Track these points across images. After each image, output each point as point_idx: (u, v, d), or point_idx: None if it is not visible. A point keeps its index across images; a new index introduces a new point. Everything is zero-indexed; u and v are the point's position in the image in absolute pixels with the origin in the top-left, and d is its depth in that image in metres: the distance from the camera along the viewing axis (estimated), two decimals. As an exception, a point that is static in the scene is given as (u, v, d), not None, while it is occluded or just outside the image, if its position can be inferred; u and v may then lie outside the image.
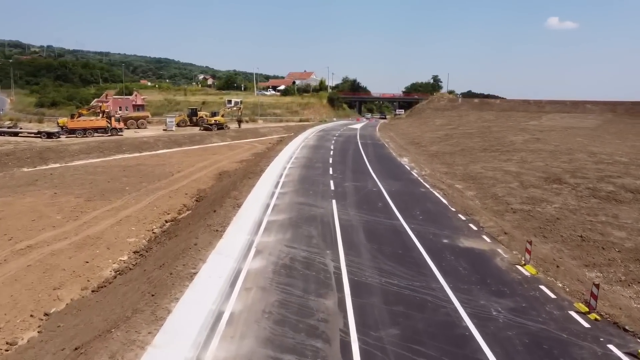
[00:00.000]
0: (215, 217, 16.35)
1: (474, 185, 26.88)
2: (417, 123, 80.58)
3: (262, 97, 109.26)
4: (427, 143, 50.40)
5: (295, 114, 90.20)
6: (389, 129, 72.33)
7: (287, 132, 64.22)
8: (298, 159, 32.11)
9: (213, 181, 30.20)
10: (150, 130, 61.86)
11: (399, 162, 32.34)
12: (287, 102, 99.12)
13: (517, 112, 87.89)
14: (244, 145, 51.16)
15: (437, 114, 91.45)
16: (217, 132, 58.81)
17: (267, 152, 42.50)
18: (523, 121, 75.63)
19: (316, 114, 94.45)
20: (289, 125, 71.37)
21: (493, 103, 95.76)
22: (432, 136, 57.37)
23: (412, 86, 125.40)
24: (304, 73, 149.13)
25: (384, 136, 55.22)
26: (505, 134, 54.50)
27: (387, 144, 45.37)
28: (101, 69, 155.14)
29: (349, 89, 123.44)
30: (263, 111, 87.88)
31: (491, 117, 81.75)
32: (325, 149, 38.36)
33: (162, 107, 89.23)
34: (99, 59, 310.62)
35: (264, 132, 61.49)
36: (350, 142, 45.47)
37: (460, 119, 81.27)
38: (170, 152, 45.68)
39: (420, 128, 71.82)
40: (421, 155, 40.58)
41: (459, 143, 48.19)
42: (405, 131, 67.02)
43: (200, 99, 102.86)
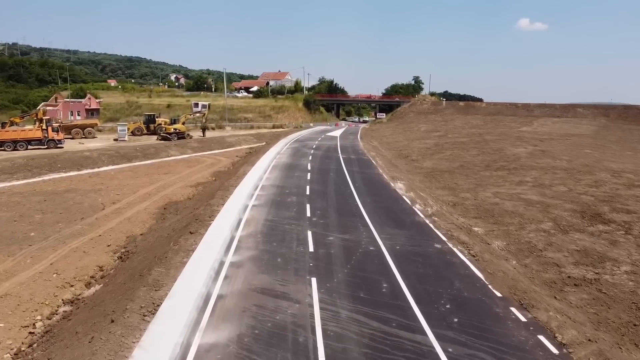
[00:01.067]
0: (116, 327, 9.40)
1: (496, 227, 20.45)
2: (401, 129, 74.55)
3: (232, 99, 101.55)
4: (418, 156, 44.11)
5: (268, 118, 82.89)
6: (371, 136, 65.97)
7: (258, 141, 57.07)
8: (266, 188, 25.10)
9: (153, 220, 22.88)
10: (99, 141, 53.83)
11: (394, 191, 25.70)
12: (259, 105, 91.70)
13: (505, 116, 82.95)
14: (207, 160, 43.79)
15: (420, 118, 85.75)
16: (177, 142, 51.23)
17: (231, 171, 35.40)
18: (514, 127, 70.49)
19: (291, 119, 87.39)
20: (261, 133, 64.16)
21: (479, 107, 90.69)
22: (420, 146, 51.19)
23: (393, 88, 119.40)
24: (279, 73, 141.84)
25: (367, 147, 48.68)
26: (504, 144, 48.72)
27: (374, 159, 38.79)
28: (60, 68, 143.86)
29: (326, 91, 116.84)
30: (233, 116, 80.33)
31: (479, 122, 76.41)
32: (300, 169, 31.41)
33: (122, 111, 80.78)
34: (66, 57, 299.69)
35: (232, 141, 54.19)
36: (330, 157, 38.68)
37: (447, 125, 75.66)
38: (115, 170, 37.98)
39: (405, 135, 65.76)
40: (416, 175, 34.12)
41: (455, 157, 42.05)
42: (390, 139, 60.78)
43: (166, 102, 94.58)
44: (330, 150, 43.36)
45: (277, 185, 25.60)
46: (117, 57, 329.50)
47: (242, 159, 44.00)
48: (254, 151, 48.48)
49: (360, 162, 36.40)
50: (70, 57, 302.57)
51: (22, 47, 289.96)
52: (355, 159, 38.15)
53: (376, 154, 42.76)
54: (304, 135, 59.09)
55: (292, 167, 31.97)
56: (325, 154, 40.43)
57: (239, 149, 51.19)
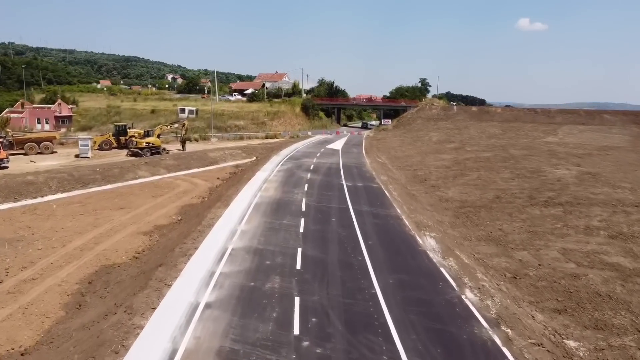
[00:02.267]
0: None
1: (602, 336, 12.57)
2: (410, 138, 66.63)
3: (224, 103, 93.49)
4: (438, 179, 36.19)
5: (261, 126, 74.81)
6: (377, 148, 58.02)
7: (247, 156, 49.12)
8: (236, 256, 16.93)
9: (61, 312, 14.94)
10: (58, 158, 45.86)
11: (425, 256, 17.73)
12: (253, 110, 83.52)
13: (524, 123, 75.00)
14: (180, 184, 35.85)
15: (429, 125, 77.83)
16: (150, 159, 43.28)
17: (206, 204, 27.52)
18: (538, 137, 62.61)
19: (287, 126, 79.32)
20: (251, 146, 56.06)
21: (493, 112, 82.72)
22: (437, 164, 43.27)
23: (398, 91, 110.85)
24: (276, 74, 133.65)
25: (376, 166, 40.70)
26: (537, 162, 40.80)
27: (386, 187, 30.78)
28: (45, 69, 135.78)
29: (326, 94, 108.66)
30: (222, 123, 72.27)
31: (496, 131, 68.52)
32: (291, 212, 23.29)
33: (99, 118, 72.75)
34: (62, 57, 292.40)
35: (216, 157, 46.21)
36: (331, 186, 30.65)
37: (461, 133, 67.76)
38: (60, 203, 30.02)
39: (416, 147, 57.84)
40: (444, 213, 26.18)
41: (484, 181, 34.15)
42: (400, 153, 52.85)
43: (151, 106, 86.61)
44: (332, 174, 35.37)
45: (253, 249, 17.56)
46: (115, 57, 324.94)
47: (223, 183, 36.11)
48: (239, 171, 40.59)
49: (370, 194, 28.44)
50: (66, 56, 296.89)
51: (19, 46, 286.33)
52: (362, 188, 30.18)
53: (387, 178, 34.79)
54: (300, 149, 51.07)
55: (280, 208, 23.96)
56: (325, 181, 32.43)
57: (223, 168, 43.19)
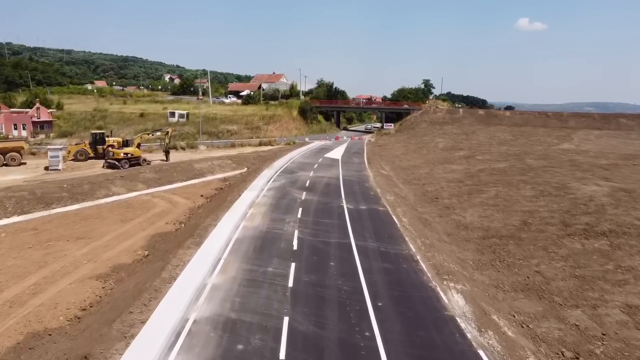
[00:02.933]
0: None
1: None
2: (414, 144, 62.18)
3: (218, 106, 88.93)
4: (451, 196, 31.74)
5: (256, 131, 70.17)
6: (380, 156, 53.62)
7: (237, 167, 44.60)
8: (199, 329, 12.65)
9: None
10: (26, 170, 41.38)
11: (451, 324, 13.26)
12: (247, 114, 78.92)
13: (535, 127, 70.58)
14: (157, 203, 31.35)
15: (435, 129, 73.36)
16: (128, 171, 38.75)
17: (180, 234, 23.07)
18: (553, 143, 58.11)
19: (284, 131, 74.73)
20: (243, 154, 51.48)
21: (502, 115, 78.33)
22: (448, 176, 38.83)
23: (400, 93, 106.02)
24: (273, 75, 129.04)
25: (380, 181, 36.16)
26: (561, 175, 36.27)
27: (394, 211, 26.23)
28: (33, 70, 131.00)
29: (325, 96, 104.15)
30: (214, 128, 67.69)
31: (507, 136, 64.06)
32: (279, 253, 18.59)
33: (83, 123, 68.14)
34: (60, 57, 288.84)
35: (202, 169, 41.69)
36: (330, 211, 26.05)
37: (469, 139, 63.28)
38: (15, 227, 25.41)
39: (422, 154, 53.37)
40: (465, 247, 21.72)
41: (506, 200, 29.67)
42: (405, 162, 48.38)
43: (140, 110, 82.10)
44: (330, 192, 30.80)
45: (223, 320, 12.95)
46: (113, 57, 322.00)
47: (206, 202, 31.62)
48: (227, 186, 36.12)
49: (375, 221, 23.93)
50: (63, 56, 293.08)
51: (16, 46, 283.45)
52: (366, 213, 25.67)
53: (394, 197, 30.27)
54: (296, 159, 46.51)
55: (266, 246, 19.40)
56: (322, 203, 27.88)
57: (209, 182, 38.67)
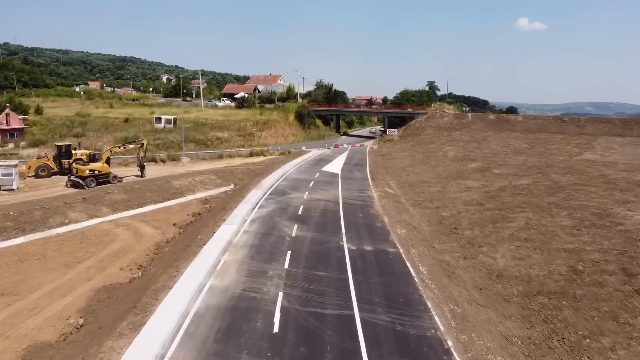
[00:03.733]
0: None
1: None
2: (421, 153, 56.68)
3: (209, 110, 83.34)
4: (473, 225, 26.22)
5: (248, 138, 64.55)
6: (384, 168, 48.13)
7: (222, 183, 39.09)
8: None
9: None
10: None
11: None
12: (240, 119, 73.30)
13: (550, 133, 65.16)
14: (120, 235, 25.84)
15: (442, 136, 67.90)
16: (93, 191, 33.24)
17: (131, 287, 17.62)
18: (574, 152, 52.58)
19: (279, 137, 69.16)
20: (230, 167, 45.94)
21: (514, 121, 72.90)
22: (465, 197, 33.30)
23: (403, 95, 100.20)
24: (269, 77, 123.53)
25: (387, 205, 30.58)
26: (596, 196, 30.64)
27: (407, 253, 20.80)
28: (20, 72, 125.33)
29: (324, 98, 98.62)
30: (203, 135, 62.14)
31: (522, 144, 58.58)
32: (252, 345, 13.24)
33: (59, 130, 62.48)
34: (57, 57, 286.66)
35: (181, 186, 36.21)
36: (326, 258, 20.21)
37: (480, 147, 57.77)
38: None
39: (431, 166, 47.86)
40: (502, 309, 16.17)
41: (539, 232, 24.11)
42: (413, 176, 42.85)
43: (125, 114, 76.64)
44: (328, 225, 25.08)
45: None
46: (111, 57, 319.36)
47: (180, 233, 26.17)
48: (207, 210, 30.67)
49: (385, 273, 18.33)
50: (60, 57, 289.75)
51: (13, 46, 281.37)
52: (373, 258, 20.09)
53: (406, 230, 24.73)
54: (289, 175, 40.89)
55: (235, 327, 13.54)
56: (317, 242, 22.18)
57: (187, 204, 33.16)
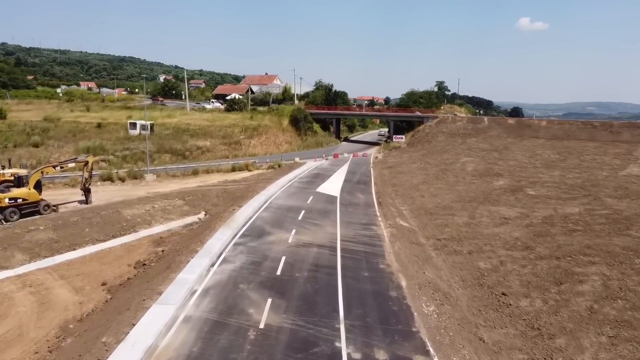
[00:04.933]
0: None
1: None
2: (434, 165, 48.30)
3: (195, 114, 74.98)
4: (528, 288, 17.73)
5: (235, 147, 56.21)
6: (393, 187, 39.71)
7: (189, 210, 30.70)
8: None
9: None
10: None
11: None
12: (227, 124, 64.90)
13: (580, 141, 56.86)
14: (19, 302, 17.58)
15: (456, 144, 59.64)
16: (12, 225, 25.14)
17: None
18: (613, 164, 44.12)
19: (270, 146, 60.87)
20: (205, 188, 37.53)
21: (536, 126, 64.60)
22: (501, 233, 24.91)
23: (410, 97, 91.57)
24: (265, 77, 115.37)
25: (402, 249, 22.15)
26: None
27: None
28: (1, 71, 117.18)
29: (323, 100, 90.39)
30: (181, 144, 53.88)
31: (551, 154, 50.22)
32: None
33: (13, 137, 54.33)
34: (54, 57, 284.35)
35: (135, 217, 28.02)
36: None
37: (503, 158, 49.35)
38: None
39: (449, 184, 39.47)
40: None
41: (631, 303, 15.86)
42: (429, 199, 34.38)
43: (100, 118, 68.40)
44: (317, 299, 16.13)
45: None
46: (110, 57, 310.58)
47: (107, 300, 18.00)
48: (157, 258, 22.45)
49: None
50: (57, 56, 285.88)
51: (11, 46, 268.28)
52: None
53: (436, 305, 16.37)
54: (274, 199, 32.36)
55: None
56: (298, 339, 13.50)
57: (136, 245, 24.90)
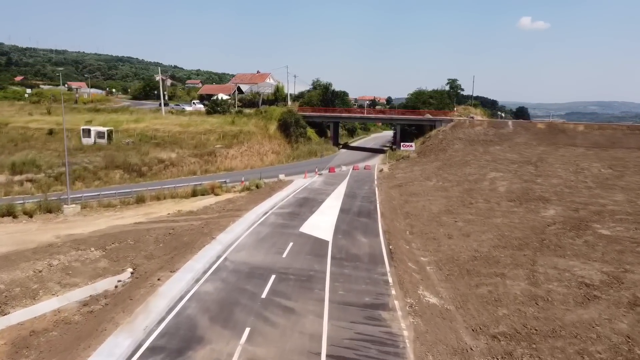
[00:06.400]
0: None
1: None
2: (456, 184, 37.76)
3: (170, 117, 64.23)
4: None
5: (208, 159, 45.68)
6: (405, 217, 28.94)
7: (106, 269, 20.38)
8: None
9: None
10: None
11: None
12: (202, 130, 54.37)
13: (629, 150, 46.56)
14: None
15: (477, 153, 49.30)
16: None
17: None
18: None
19: (253, 156, 50.47)
20: (143, 226, 26.86)
21: (572, 131, 54.23)
22: (605, 330, 14.20)
23: (418, 97, 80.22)
24: (256, 75, 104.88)
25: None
26: None
27: None
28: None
29: (320, 100, 79.85)
30: (139, 158, 43.54)
31: (602, 168, 39.84)
32: None
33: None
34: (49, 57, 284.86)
35: (15, 284, 18.05)
36: None
37: (541, 173, 38.90)
38: None
39: (479, 212, 28.73)
40: None
41: None
42: (458, 244, 23.50)
43: (54, 123, 57.95)
44: None
45: None
46: (107, 57, 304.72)
47: None
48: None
49: None
50: (53, 57, 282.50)
51: (7, 47, 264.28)
52: None
53: None
54: (237, 249, 21.13)
55: None
56: None
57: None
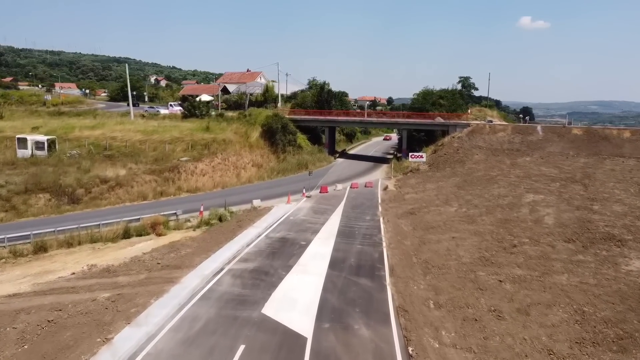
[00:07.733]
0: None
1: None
2: (485, 212, 28.34)
3: (136, 122, 55.03)
4: None
5: (170, 176, 36.91)
6: (424, 268, 19.48)
7: None
8: None
9: None
10: None
11: None
12: (169, 138, 45.12)
13: (693, 163, 37.40)
14: None
15: (503, 166, 40.20)
16: None
17: None
18: None
19: (229, 171, 41.30)
20: (17, 305, 17.12)
21: (615, 138, 45.08)
22: None
23: (426, 97, 70.24)
24: (246, 74, 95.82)
25: None
26: None
27: None
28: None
29: (314, 102, 70.70)
30: (78, 175, 34.53)
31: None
32: None
33: None
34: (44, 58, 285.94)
35: None
36: None
37: (591, 194, 29.32)
38: None
39: (529, 263, 18.88)
40: None
41: None
42: (510, 325, 13.80)
43: (6, 128, 49.06)
44: None
45: None
46: (104, 58, 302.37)
47: None
48: None
49: None
50: (47, 58, 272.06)
51: (2, 47, 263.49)
52: None
53: None
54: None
55: None
56: None
57: None
